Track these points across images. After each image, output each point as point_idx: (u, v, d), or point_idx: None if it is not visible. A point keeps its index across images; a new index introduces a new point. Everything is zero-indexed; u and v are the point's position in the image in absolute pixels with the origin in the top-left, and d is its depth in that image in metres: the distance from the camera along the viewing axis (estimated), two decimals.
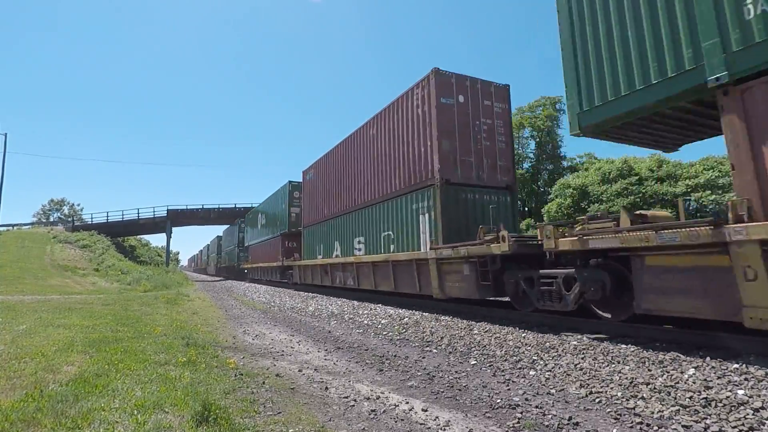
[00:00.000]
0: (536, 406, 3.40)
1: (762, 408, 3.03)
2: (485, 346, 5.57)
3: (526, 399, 3.59)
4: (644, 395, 3.47)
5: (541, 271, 6.59)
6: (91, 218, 46.45)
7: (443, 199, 8.79)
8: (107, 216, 45.03)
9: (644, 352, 4.67)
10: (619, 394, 3.56)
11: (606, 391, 3.65)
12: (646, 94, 5.13)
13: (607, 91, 5.56)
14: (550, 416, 3.19)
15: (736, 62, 4.31)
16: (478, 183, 9.37)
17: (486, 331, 6.47)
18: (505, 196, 9.71)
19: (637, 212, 5.81)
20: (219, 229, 49.14)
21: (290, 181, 20.75)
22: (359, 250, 12.49)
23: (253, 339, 6.68)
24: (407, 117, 10.21)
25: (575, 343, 5.30)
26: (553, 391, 3.79)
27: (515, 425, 3.06)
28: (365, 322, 8.24)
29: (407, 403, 3.56)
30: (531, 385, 3.99)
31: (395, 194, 10.54)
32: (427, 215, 9.21)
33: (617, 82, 5.47)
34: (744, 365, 3.90)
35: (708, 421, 2.93)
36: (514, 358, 4.92)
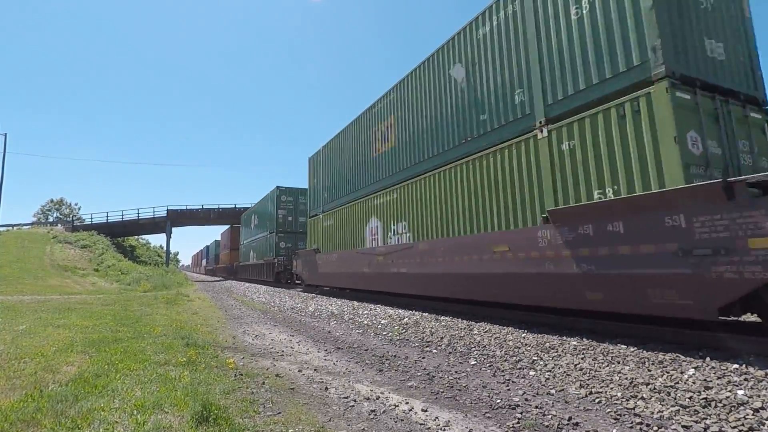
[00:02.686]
0: (536, 407, 3.40)
1: (762, 408, 3.03)
2: (485, 347, 5.57)
3: (526, 399, 3.58)
4: (644, 395, 3.47)
5: None
6: (91, 218, 46.47)
7: None
8: (107, 216, 45.06)
9: (644, 352, 4.67)
10: (619, 394, 3.56)
11: (606, 392, 3.65)
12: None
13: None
14: (549, 416, 3.19)
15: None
16: None
17: (486, 332, 6.47)
18: None
19: None
20: (219, 230, 49.17)
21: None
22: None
23: (252, 339, 6.68)
24: None
25: (575, 343, 5.30)
26: (552, 391, 3.79)
27: (515, 425, 3.06)
28: (365, 322, 8.24)
29: (407, 403, 3.56)
30: (531, 385, 3.99)
31: None
32: None
33: None
34: (744, 365, 3.90)
35: (708, 422, 2.93)
36: (514, 358, 4.92)
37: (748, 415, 2.96)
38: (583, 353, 4.87)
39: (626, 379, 3.88)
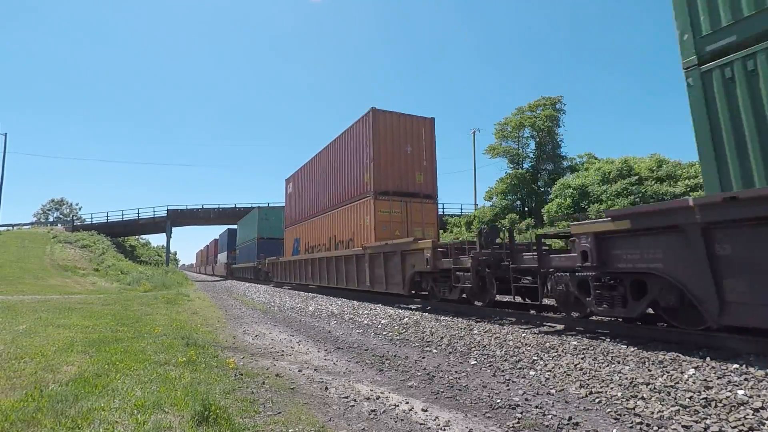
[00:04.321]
0: (536, 406, 3.40)
1: (762, 408, 3.03)
2: (485, 346, 5.57)
3: (526, 399, 3.58)
4: (644, 395, 3.47)
5: None
6: (91, 218, 46.52)
7: None
8: (107, 216, 45.14)
9: (644, 352, 4.67)
10: (619, 394, 3.56)
11: (606, 391, 3.65)
12: None
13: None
14: (550, 416, 3.19)
15: None
16: None
17: (486, 331, 6.47)
18: None
19: None
20: (219, 230, 49.03)
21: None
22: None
23: (253, 339, 6.68)
24: None
25: (575, 343, 5.30)
26: (553, 391, 3.79)
27: (515, 425, 3.06)
28: (365, 322, 8.24)
29: (407, 403, 3.56)
30: (531, 385, 3.99)
31: None
32: None
33: None
34: (744, 365, 3.90)
35: (708, 422, 2.92)
36: (514, 358, 4.92)
37: (748, 415, 2.96)
38: (583, 353, 4.87)
39: (626, 379, 3.88)
